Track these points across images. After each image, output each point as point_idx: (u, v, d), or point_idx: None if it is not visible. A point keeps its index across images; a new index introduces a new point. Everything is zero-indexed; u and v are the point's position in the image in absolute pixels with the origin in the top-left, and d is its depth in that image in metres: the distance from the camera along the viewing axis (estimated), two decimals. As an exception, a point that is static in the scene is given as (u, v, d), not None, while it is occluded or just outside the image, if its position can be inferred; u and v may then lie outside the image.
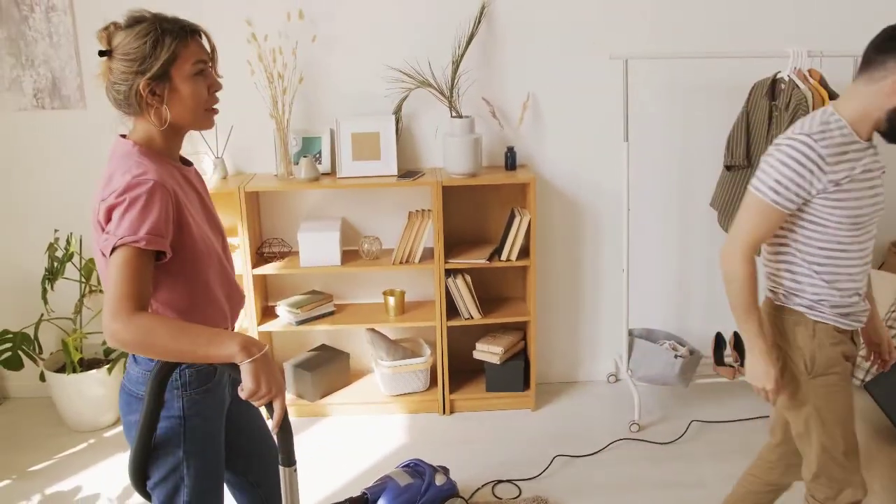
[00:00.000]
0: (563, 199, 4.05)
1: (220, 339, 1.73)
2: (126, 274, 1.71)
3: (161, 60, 1.84)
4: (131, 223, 1.74)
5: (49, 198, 4.02)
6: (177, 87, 1.88)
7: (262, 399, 1.78)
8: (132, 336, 1.68)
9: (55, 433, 3.94)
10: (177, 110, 1.89)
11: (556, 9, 3.82)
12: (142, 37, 1.84)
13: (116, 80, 1.87)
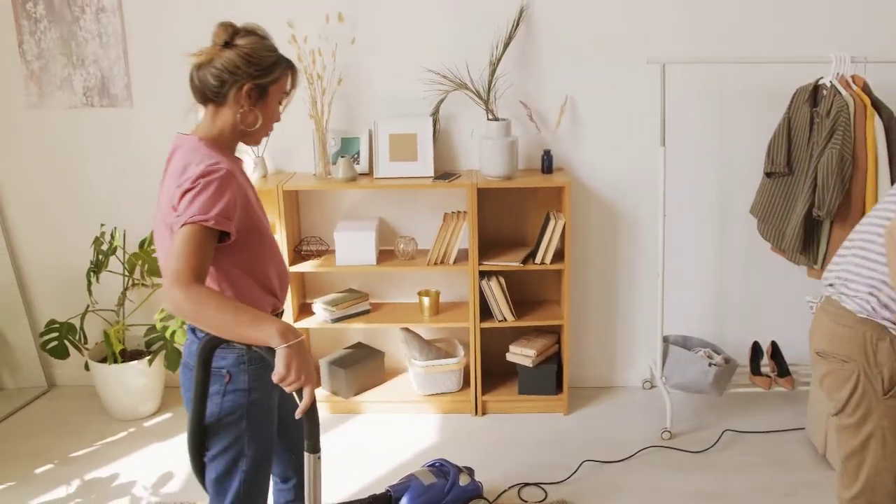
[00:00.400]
0: (599, 202, 4.03)
1: (261, 322, 1.85)
2: (192, 248, 1.87)
3: (272, 77, 2.07)
4: (203, 204, 1.90)
5: (96, 193, 4.15)
6: (267, 103, 2.10)
7: (291, 385, 1.88)
8: (188, 304, 1.82)
9: (97, 421, 4.06)
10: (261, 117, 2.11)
11: (594, 12, 3.81)
12: (270, 51, 2.08)
13: (222, 69, 2.03)
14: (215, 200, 1.92)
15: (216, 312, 1.83)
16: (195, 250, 1.87)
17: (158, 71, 3.96)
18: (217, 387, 2.12)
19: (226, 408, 2.11)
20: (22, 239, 4.23)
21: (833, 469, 3.44)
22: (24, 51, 3.94)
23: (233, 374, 2.10)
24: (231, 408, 2.11)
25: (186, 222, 1.88)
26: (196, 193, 1.92)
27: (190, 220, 1.88)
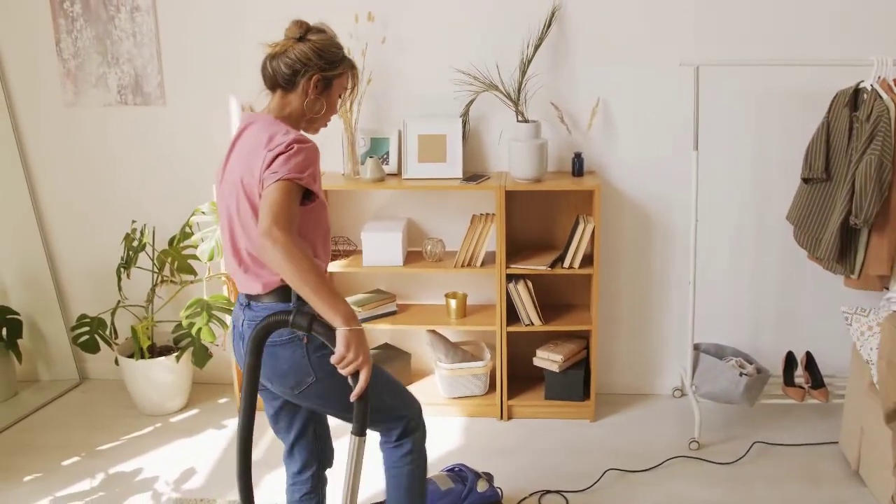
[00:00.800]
0: (630, 207, 3.96)
1: (335, 298, 2.00)
2: (288, 200, 2.05)
3: (337, 71, 2.29)
4: (297, 164, 2.10)
5: (128, 190, 4.20)
6: (330, 96, 2.32)
7: (349, 365, 2.01)
8: (285, 243, 1.97)
9: (126, 415, 4.10)
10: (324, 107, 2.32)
11: (627, 13, 3.74)
12: (338, 48, 2.30)
13: (295, 59, 2.23)
14: (306, 165, 2.11)
15: (304, 268, 1.96)
16: (290, 203, 2.05)
17: (191, 70, 3.98)
18: (300, 351, 2.24)
19: (317, 365, 2.25)
20: (57, 234, 4.30)
21: (867, 485, 3.33)
22: (60, 49, 4.00)
23: (310, 338, 2.24)
24: (321, 364, 2.24)
25: (282, 178, 2.06)
26: (290, 156, 2.10)
27: (287, 176, 2.06)
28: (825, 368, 3.96)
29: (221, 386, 4.37)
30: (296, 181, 2.08)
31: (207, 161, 4.09)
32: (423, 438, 2.62)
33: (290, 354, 2.25)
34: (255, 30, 3.89)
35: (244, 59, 3.94)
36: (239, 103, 3.98)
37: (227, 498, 3.40)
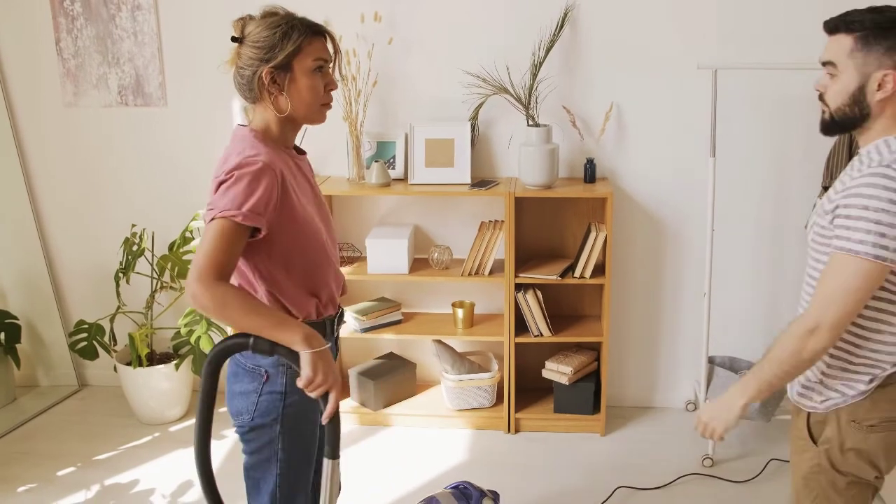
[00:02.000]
0: (644, 215, 3.84)
1: (286, 325, 1.84)
2: (218, 243, 1.82)
3: (286, 52, 1.96)
4: (234, 198, 1.84)
5: (128, 193, 4.10)
6: (296, 79, 1.99)
7: (317, 389, 1.86)
8: (209, 301, 1.79)
9: (125, 424, 4.01)
10: (294, 101, 2.01)
11: (641, 15, 3.62)
12: (272, 28, 1.97)
13: (243, 66, 2.00)
14: (247, 194, 1.85)
15: (240, 313, 1.81)
16: (222, 246, 1.82)
17: (193, 70, 3.89)
18: (255, 384, 2.08)
19: (261, 408, 2.08)
20: (56, 237, 4.21)
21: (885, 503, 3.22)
22: (60, 48, 3.91)
23: (270, 375, 2.06)
24: (266, 409, 2.07)
25: (215, 216, 1.83)
26: (229, 186, 1.86)
27: (220, 213, 1.83)
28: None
29: (221, 395, 4.25)
30: (230, 218, 1.82)
31: (208, 164, 3.99)
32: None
33: (246, 383, 2.09)
34: (259, 30, 3.80)
35: (248, 60, 3.84)
36: (241, 105, 3.89)
37: None
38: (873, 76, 1.84)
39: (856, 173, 1.85)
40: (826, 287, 1.83)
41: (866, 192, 1.77)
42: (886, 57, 1.83)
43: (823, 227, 1.89)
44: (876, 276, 1.79)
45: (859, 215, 1.77)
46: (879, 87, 1.84)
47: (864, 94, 1.86)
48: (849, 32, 1.86)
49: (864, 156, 1.89)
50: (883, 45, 1.82)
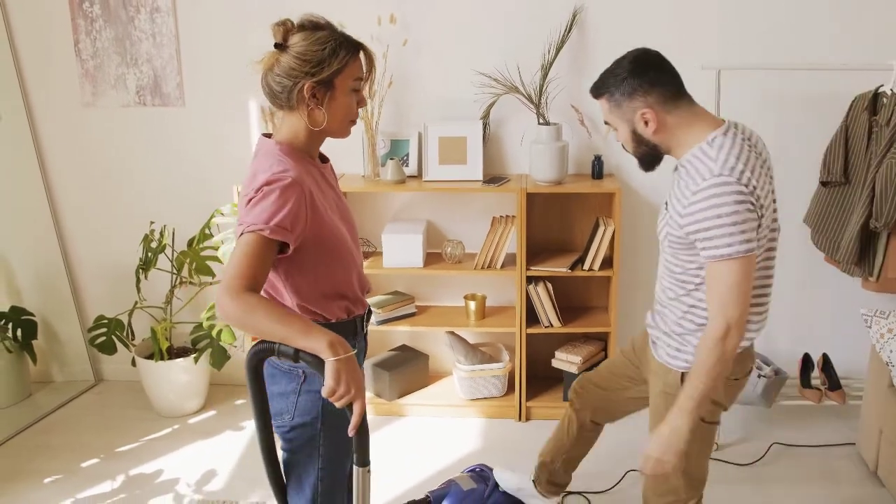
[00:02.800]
0: (649, 210, 3.99)
1: (312, 333, 1.83)
2: (247, 257, 1.85)
3: (332, 69, 1.98)
4: (262, 213, 1.87)
5: (146, 191, 4.19)
6: (336, 97, 2.02)
7: (341, 399, 1.84)
8: (237, 312, 1.81)
9: (143, 417, 4.09)
10: (329, 117, 2.03)
11: (647, 17, 3.77)
12: (321, 43, 1.97)
13: (282, 74, 1.99)
14: (275, 210, 1.88)
15: (266, 322, 1.81)
16: (250, 259, 1.84)
17: (211, 71, 3.98)
18: (293, 385, 2.11)
19: (301, 407, 2.11)
20: (73, 235, 4.29)
21: (885, 486, 3.37)
22: (79, 50, 3.99)
23: (308, 375, 2.09)
24: (305, 408, 2.11)
25: (245, 231, 1.87)
26: (257, 202, 1.89)
27: (248, 228, 1.86)
28: (841, 371, 4.00)
29: (238, 388, 4.36)
30: (259, 233, 1.86)
31: (226, 162, 4.09)
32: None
33: (284, 384, 2.13)
34: (273, 31, 3.90)
35: (264, 61, 3.94)
36: (258, 105, 3.98)
37: (250, 499, 3.40)
38: (635, 119, 2.16)
39: (693, 187, 2.08)
40: (718, 294, 2.08)
41: (713, 202, 2.03)
42: (633, 101, 2.16)
43: (679, 238, 2.15)
44: (751, 266, 2.07)
45: (716, 224, 2.03)
46: (645, 124, 2.15)
47: (639, 134, 2.19)
48: (600, 97, 2.23)
49: (689, 165, 2.14)
50: (626, 94, 2.15)
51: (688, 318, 2.27)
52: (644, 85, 2.15)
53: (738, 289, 2.05)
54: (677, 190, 2.18)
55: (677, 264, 2.23)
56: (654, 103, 2.15)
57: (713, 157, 2.09)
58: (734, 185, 2.03)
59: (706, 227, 2.05)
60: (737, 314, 2.06)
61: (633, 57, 2.18)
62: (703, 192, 2.05)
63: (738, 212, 2.02)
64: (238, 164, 4.08)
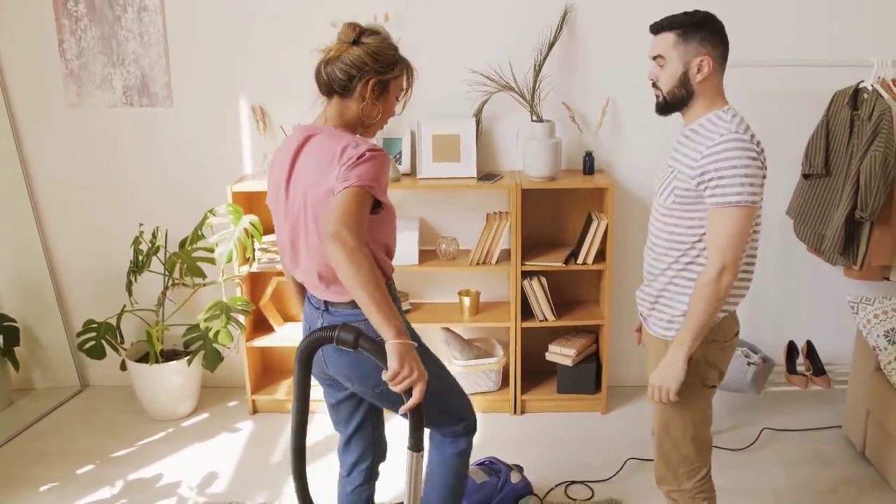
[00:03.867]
0: (638, 204, 4.08)
1: (392, 311, 1.98)
2: (358, 207, 2.04)
3: (394, 74, 2.25)
4: (369, 173, 2.08)
5: (134, 193, 4.14)
6: (388, 98, 2.28)
7: (403, 381, 1.95)
8: (353, 249, 1.96)
9: (135, 421, 4.04)
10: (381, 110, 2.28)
11: (635, 15, 3.85)
12: (392, 49, 2.25)
13: (350, 64, 2.19)
14: (379, 174, 2.10)
15: (366, 274, 1.95)
16: (360, 209, 2.04)
17: (199, 70, 3.95)
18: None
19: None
20: (58, 239, 4.21)
21: (873, 465, 3.51)
22: (63, 49, 3.92)
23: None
24: None
25: (353, 185, 2.04)
26: (365, 162, 2.08)
27: (356, 183, 2.04)
28: (824, 356, 4.15)
29: (231, 389, 4.33)
30: (367, 188, 2.06)
31: (218, 162, 4.06)
32: (472, 441, 2.66)
33: (368, 363, 2.23)
34: (265, 30, 3.89)
35: (254, 60, 3.93)
36: (249, 104, 3.97)
37: (256, 500, 3.39)
38: (693, 62, 2.30)
39: (709, 143, 2.26)
40: (718, 236, 2.25)
41: (730, 154, 2.22)
42: (701, 46, 2.30)
43: (687, 190, 2.29)
44: (752, 218, 2.24)
45: (731, 173, 2.21)
46: (698, 70, 2.30)
47: (688, 77, 2.32)
48: (671, 30, 2.34)
49: (701, 129, 2.33)
50: (697, 38, 2.30)
51: (679, 280, 2.38)
52: (715, 37, 2.33)
53: (737, 234, 2.23)
54: (687, 150, 2.35)
55: (676, 223, 2.36)
56: (715, 57, 2.33)
57: (728, 120, 2.31)
58: (749, 143, 2.23)
59: (720, 176, 2.22)
60: (732, 257, 2.23)
61: (707, 13, 2.35)
62: (722, 144, 2.24)
63: (750, 166, 2.21)
64: (230, 163, 4.06)
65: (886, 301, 3.44)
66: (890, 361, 3.32)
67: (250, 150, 4.05)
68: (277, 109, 3.98)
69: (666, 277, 2.42)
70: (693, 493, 2.55)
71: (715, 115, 2.34)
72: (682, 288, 2.39)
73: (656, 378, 2.38)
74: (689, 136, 2.37)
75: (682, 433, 2.48)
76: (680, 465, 2.53)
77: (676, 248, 2.38)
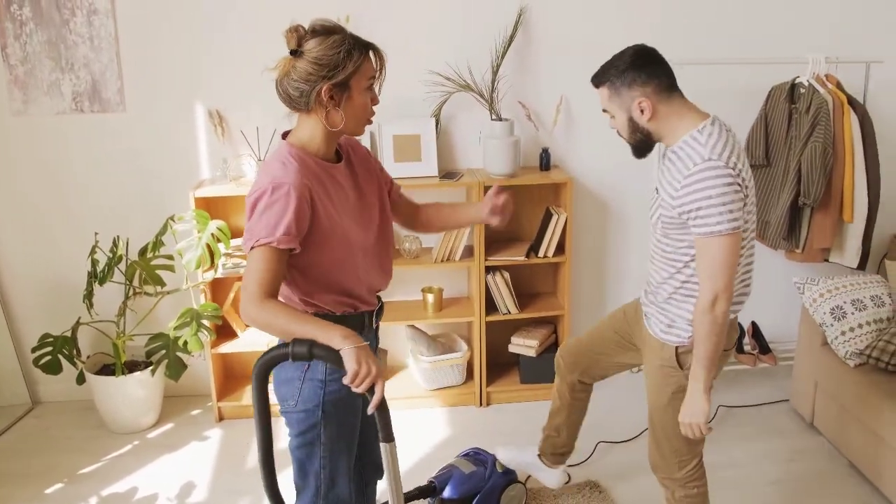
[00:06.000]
0: (592, 198, 4.23)
1: (328, 328, 1.97)
2: (262, 268, 1.99)
3: (348, 71, 2.04)
4: (268, 225, 1.99)
5: (87, 201, 4.02)
6: (352, 97, 2.09)
7: (364, 381, 1.93)
8: (261, 318, 1.98)
9: (97, 436, 3.93)
10: (347, 117, 2.10)
11: (585, 14, 4.00)
12: (336, 47, 2.03)
13: (298, 79, 2.05)
14: (279, 218, 1.99)
15: (286, 324, 1.97)
16: (265, 270, 1.99)
17: (153, 75, 3.87)
18: (298, 372, 2.19)
19: (304, 394, 2.19)
20: (4, 251, 4.04)
21: (823, 434, 3.76)
22: (7, 55, 3.77)
23: (311, 364, 2.17)
24: (308, 395, 2.19)
25: (255, 245, 2.00)
26: (262, 212, 2.01)
27: (258, 243, 1.99)
28: (768, 335, 4.40)
29: (193, 398, 4.26)
30: (268, 245, 2.00)
31: (176, 168, 3.99)
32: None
33: (290, 371, 2.21)
34: (222, 32, 3.84)
35: (210, 63, 3.88)
36: (206, 108, 3.91)
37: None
38: (633, 107, 2.38)
39: (685, 171, 2.31)
40: (707, 266, 2.33)
41: (704, 184, 2.26)
42: (632, 91, 2.35)
43: (671, 218, 2.38)
44: (737, 242, 2.30)
45: (708, 203, 2.26)
46: (641, 112, 2.37)
47: (635, 122, 2.40)
48: (601, 86, 2.42)
49: (680, 152, 2.36)
50: (626, 84, 2.35)
51: (680, 293, 2.49)
52: (642, 76, 2.35)
53: (724, 261, 2.30)
54: (668, 175, 2.39)
55: (668, 244, 2.45)
56: (651, 93, 2.36)
57: (703, 142, 2.31)
58: (723, 169, 2.25)
59: (697, 207, 2.27)
60: (723, 284, 2.31)
61: (633, 51, 2.38)
62: (695, 175, 2.27)
63: (726, 193, 2.24)
64: (190, 168, 3.99)
65: (830, 280, 3.70)
66: (837, 336, 3.58)
67: (207, 155, 3.99)
68: (236, 114, 3.94)
69: (669, 286, 2.51)
70: (684, 481, 2.69)
71: (691, 137, 2.34)
72: (680, 302, 2.49)
73: (685, 416, 2.47)
74: (671, 160, 2.40)
75: (673, 428, 2.60)
76: (672, 455, 2.67)
77: (672, 266, 2.47)
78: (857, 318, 3.57)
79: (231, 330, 4.06)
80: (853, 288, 3.66)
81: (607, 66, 2.40)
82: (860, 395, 3.41)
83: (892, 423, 3.21)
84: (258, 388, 2.13)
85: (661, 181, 2.43)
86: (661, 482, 2.76)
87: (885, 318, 3.59)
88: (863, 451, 3.44)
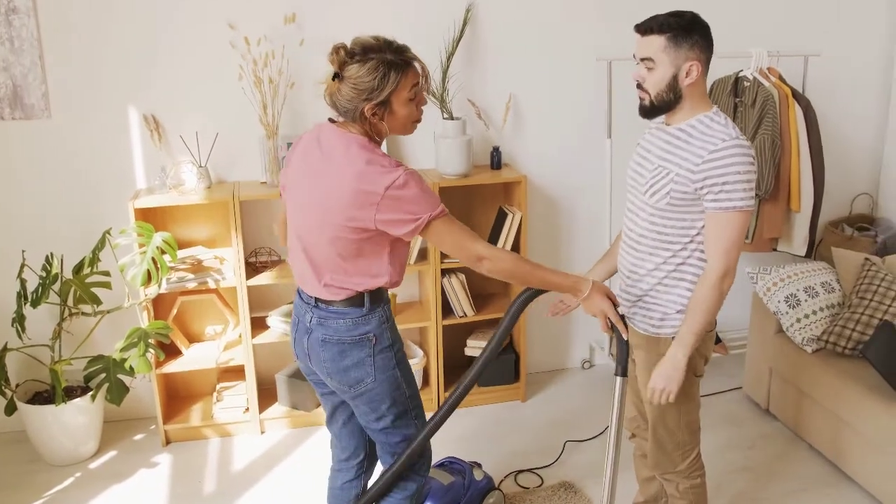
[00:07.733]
0: (543, 195, 4.19)
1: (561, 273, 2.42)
2: (460, 230, 2.24)
3: (386, 93, 2.18)
4: (426, 201, 2.18)
5: (12, 216, 3.69)
6: (394, 111, 2.23)
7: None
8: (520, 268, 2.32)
9: (32, 469, 3.62)
10: (391, 126, 2.27)
11: (534, 11, 3.95)
12: (372, 72, 2.15)
13: (344, 100, 2.20)
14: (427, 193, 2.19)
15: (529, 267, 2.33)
16: (463, 229, 2.25)
17: (80, 78, 3.59)
18: (366, 350, 2.33)
19: (378, 366, 2.35)
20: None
21: (779, 420, 3.85)
22: (-86, 58, 3.43)
23: (377, 336, 2.34)
24: (383, 364, 2.36)
25: (432, 217, 2.18)
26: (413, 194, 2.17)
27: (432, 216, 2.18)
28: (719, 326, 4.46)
29: (134, 422, 3.98)
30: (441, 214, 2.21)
31: (111, 177, 3.71)
32: None
33: (357, 353, 2.33)
34: (156, 31, 3.60)
35: (143, 65, 3.63)
36: (140, 112, 3.66)
37: None
38: (683, 67, 2.34)
39: (709, 146, 2.31)
40: (722, 241, 2.35)
41: (734, 160, 2.29)
42: (691, 51, 2.33)
43: (685, 193, 2.36)
44: (749, 222, 2.43)
45: (735, 178, 2.29)
46: (687, 74, 2.36)
47: (676, 81, 2.37)
48: (660, 34, 2.34)
49: (694, 131, 2.36)
50: (688, 42, 2.33)
51: (672, 277, 2.46)
52: (704, 42, 2.34)
53: (738, 238, 2.33)
54: (682, 153, 2.36)
55: (667, 225, 2.42)
56: (703, 61, 2.35)
57: (723, 124, 2.34)
58: (749, 149, 2.31)
59: (724, 182, 2.28)
60: (734, 260, 2.35)
61: (695, 15, 2.36)
62: (726, 150, 2.28)
63: (751, 172, 2.30)
64: (125, 177, 3.72)
65: (782, 270, 3.78)
66: (793, 324, 3.66)
67: (143, 162, 3.74)
68: (173, 118, 3.70)
69: (653, 278, 2.49)
70: (688, 472, 2.69)
71: (707, 118, 2.37)
72: (670, 287, 2.47)
73: (658, 380, 2.44)
74: (679, 138, 2.39)
75: (676, 421, 2.60)
76: (675, 449, 2.66)
77: (666, 249, 2.45)
78: (811, 305, 3.66)
79: (175, 348, 3.83)
80: (804, 276, 3.75)
81: (669, 17, 2.34)
82: (818, 380, 3.49)
83: (851, 403, 3.31)
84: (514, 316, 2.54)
85: (670, 158, 2.39)
86: (662, 478, 2.74)
87: (837, 303, 3.69)
88: (822, 432, 3.54)
